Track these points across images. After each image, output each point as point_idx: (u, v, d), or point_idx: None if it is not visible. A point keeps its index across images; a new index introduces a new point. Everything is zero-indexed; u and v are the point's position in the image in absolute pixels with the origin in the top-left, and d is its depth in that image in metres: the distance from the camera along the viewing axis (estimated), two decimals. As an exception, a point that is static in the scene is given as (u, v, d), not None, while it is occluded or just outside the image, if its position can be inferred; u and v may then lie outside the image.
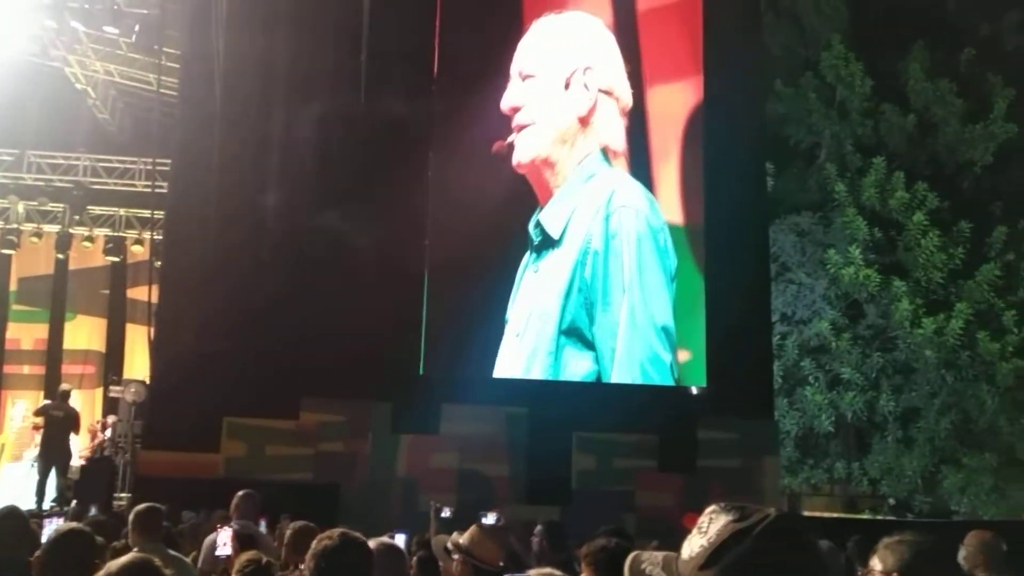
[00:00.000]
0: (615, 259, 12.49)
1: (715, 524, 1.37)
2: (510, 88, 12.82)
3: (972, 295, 17.84)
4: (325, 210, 12.47)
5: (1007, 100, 19.10)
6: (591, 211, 12.57)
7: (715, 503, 1.44)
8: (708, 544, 1.35)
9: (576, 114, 12.86)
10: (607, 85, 13.06)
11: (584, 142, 12.84)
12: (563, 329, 12.34)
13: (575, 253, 12.47)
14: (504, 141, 12.58)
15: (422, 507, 10.13)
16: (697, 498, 11.69)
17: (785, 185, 19.64)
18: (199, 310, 12.23)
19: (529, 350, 12.42)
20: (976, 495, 17.87)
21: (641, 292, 12.52)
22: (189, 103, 13.29)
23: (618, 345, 12.38)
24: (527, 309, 12.53)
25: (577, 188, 12.72)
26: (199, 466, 11.59)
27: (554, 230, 12.55)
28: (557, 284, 12.43)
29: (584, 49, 13.20)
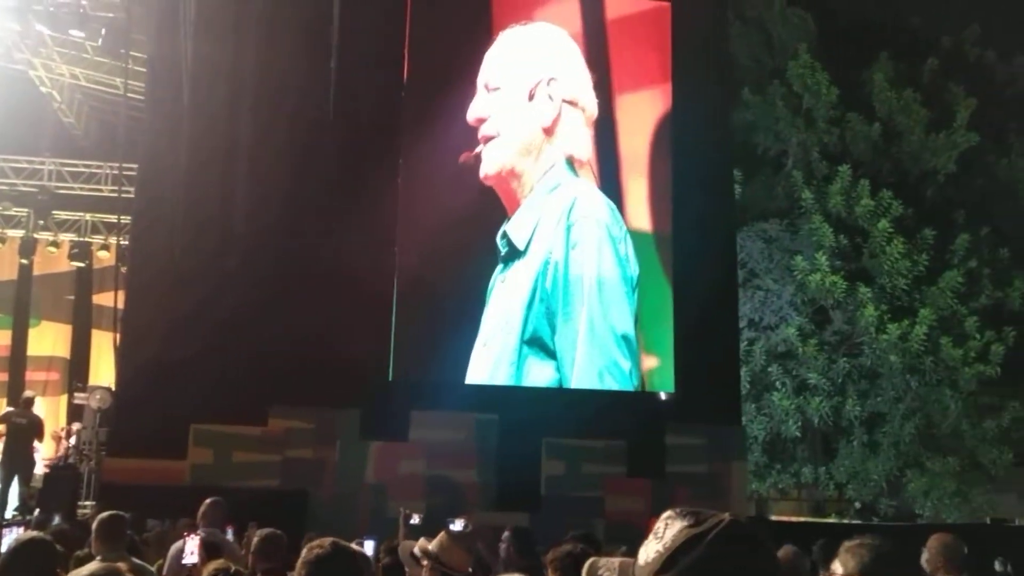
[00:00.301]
0: (576, 269, 12.56)
1: (670, 529, 1.38)
2: (476, 100, 12.86)
3: (935, 301, 18.09)
4: (294, 216, 12.43)
5: (969, 110, 19.43)
6: (554, 221, 12.64)
7: (677, 508, 1.45)
8: (664, 549, 1.36)
9: (540, 125, 12.93)
10: (571, 95, 13.13)
11: (549, 152, 12.90)
12: (525, 339, 12.39)
13: (538, 264, 12.53)
14: (471, 152, 12.61)
15: (391, 514, 10.09)
16: (665, 503, 11.64)
17: (753, 192, 19.83)
18: (166, 316, 12.13)
19: (493, 359, 12.44)
20: (940, 499, 18.11)
21: (600, 302, 12.59)
22: (156, 108, 13.18)
23: (578, 354, 12.45)
24: (494, 319, 12.56)
25: (542, 198, 12.78)
26: (165, 473, 11.48)
27: (519, 241, 12.59)
28: (520, 294, 12.48)
29: (548, 60, 13.27)
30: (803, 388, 18.56)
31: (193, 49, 12.83)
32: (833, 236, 18.38)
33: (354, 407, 12.20)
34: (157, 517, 9.52)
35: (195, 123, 12.74)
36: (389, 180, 12.78)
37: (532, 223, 12.63)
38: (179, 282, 12.24)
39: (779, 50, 20.47)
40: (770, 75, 20.31)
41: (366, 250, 12.36)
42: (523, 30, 13.34)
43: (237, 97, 12.98)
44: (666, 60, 13.96)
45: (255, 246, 12.44)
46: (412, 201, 12.84)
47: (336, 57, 12.96)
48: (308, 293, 12.00)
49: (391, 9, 13.18)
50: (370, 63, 12.96)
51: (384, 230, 12.58)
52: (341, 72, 12.91)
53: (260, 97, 12.92)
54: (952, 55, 21.08)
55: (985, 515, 18.67)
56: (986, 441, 18.16)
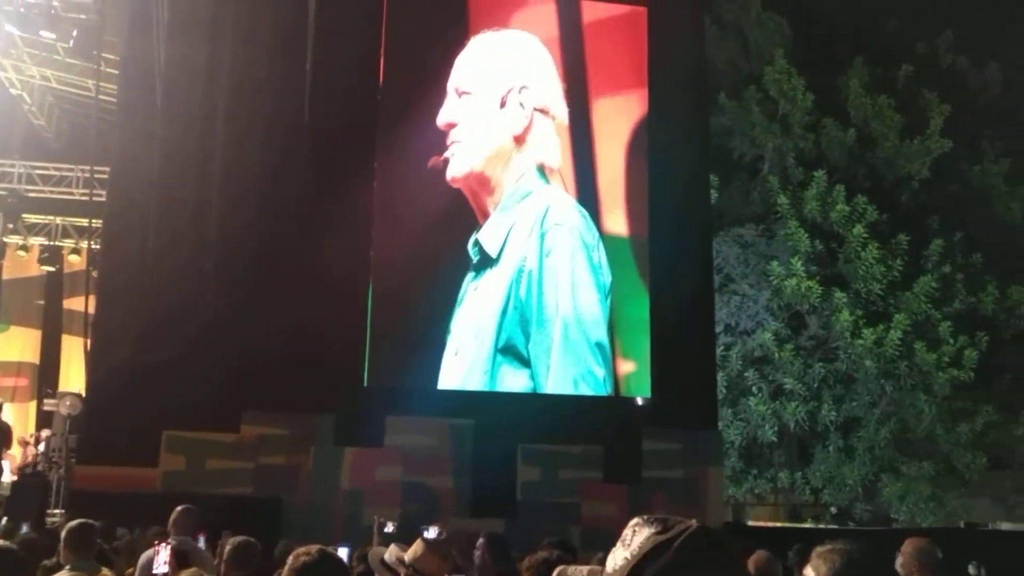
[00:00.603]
0: (550, 277, 12.56)
1: (638, 536, 1.37)
2: (446, 104, 12.85)
3: (910, 306, 18.22)
4: (269, 220, 12.33)
5: (943, 116, 19.61)
6: (527, 229, 12.64)
7: (644, 515, 1.43)
8: (631, 557, 1.35)
9: (511, 132, 12.92)
10: (543, 104, 13.13)
11: (520, 160, 12.89)
12: (499, 347, 12.36)
13: (511, 272, 12.51)
14: (439, 157, 12.59)
15: (366, 520, 10.00)
16: (642, 509, 11.67)
17: (729, 197, 19.91)
18: (138, 321, 11.99)
19: (466, 367, 12.40)
20: (915, 503, 18.22)
21: (575, 309, 12.59)
22: (128, 110, 13.04)
23: (552, 362, 12.44)
24: (466, 327, 12.53)
25: (514, 206, 12.77)
26: (136, 481, 11.33)
27: (492, 249, 12.56)
28: (494, 302, 12.45)
29: (520, 67, 13.27)
30: (779, 393, 18.63)
31: (166, 51, 12.72)
32: (808, 241, 18.47)
33: (329, 413, 12.10)
34: (128, 525, 9.37)
35: (168, 126, 12.63)
36: (365, 184, 12.71)
37: (504, 231, 12.62)
38: (151, 287, 12.11)
39: (755, 55, 20.59)
40: (746, 80, 20.41)
41: (341, 254, 12.29)
42: (496, 36, 13.34)
43: (211, 100, 12.87)
44: (642, 65, 13.98)
45: (229, 250, 12.34)
46: (388, 205, 12.78)
47: (311, 60, 12.88)
48: (282, 298, 11.90)
49: (367, 12, 13.14)
50: (346, 66, 12.91)
51: (359, 234, 12.51)
52: (316, 75, 12.83)
53: (235, 100, 12.83)
54: (926, 61, 21.27)
55: (959, 519, 18.79)
56: (960, 445, 18.29)
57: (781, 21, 20.46)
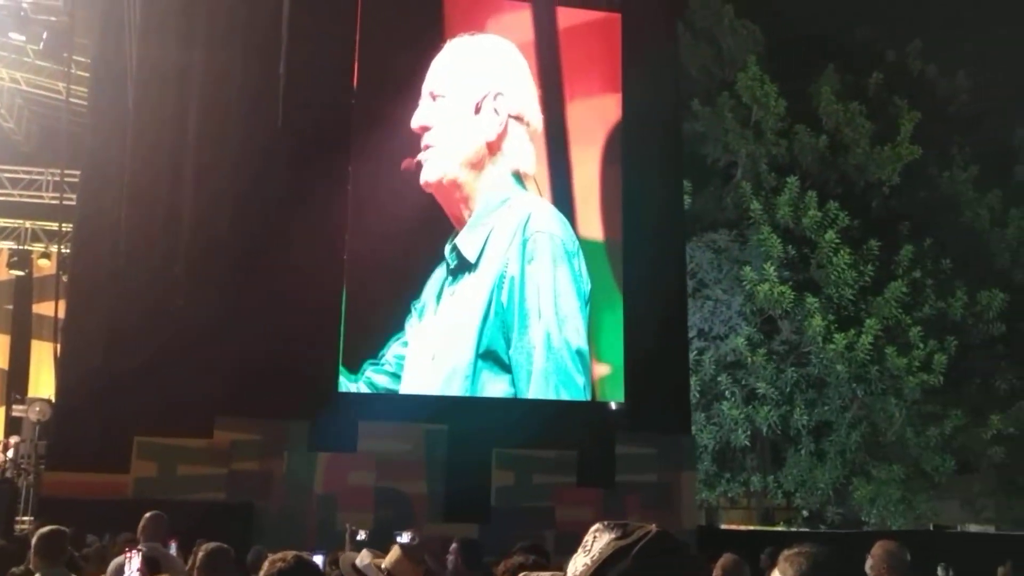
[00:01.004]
0: (531, 284, 12.58)
1: (598, 542, 1.39)
2: (421, 107, 12.84)
3: (881, 311, 18.39)
4: (242, 225, 12.27)
5: (912, 123, 19.83)
6: (508, 235, 12.66)
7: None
8: (591, 563, 1.36)
9: (485, 139, 12.94)
10: (517, 110, 13.17)
11: (494, 166, 12.92)
12: (480, 352, 12.37)
13: (492, 278, 12.52)
14: (412, 160, 12.58)
15: (339, 526, 9.98)
16: (616, 513, 11.75)
17: (702, 203, 20.03)
18: (108, 326, 11.90)
19: (446, 372, 12.39)
20: (885, 506, 18.37)
21: (557, 317, 12.63)
22: (100, 113, 12.94)
23: (534, 369, 12.47)
24: (444, 332, 12.50)
25: (492, 212, 12.78)
26: (107, 487, 11.24)
27: (470, 254, 12.57)
28: (474, 308, 12.46)
29: (496, 74, 13.30)
30: (752, 397, 18.74)
31: (138, 54, 12.64)
32: (781, 247, 18.61)
33: (302, 418, 12.05)
34: (99, 532, 9.29)
35: (140, 129, 12.53)
36: (339, 188, 12.68)
37: (483, 236, 12.62)
38: (122, 291, 12.01)
39: (728, 62, 20.73)
40: (719, 87, 20.55)
41: (315, 259, 12.25)
42: (472, 40, 13.35)
43: (184, 103, 12.79)
44: (616, 70, 14.04)
45: (201, 255, 12.27)
46: (362, 209, 12.75)
47: (285, 63, 12.84)
48: (255, 302, 11.84)
49: (341, 15, 13.09)
50: (320, 69, 12.86)
51: (333, 239, 12.47)
52: (290, 78, 12.79)
53: (208, 103, 12.75)
54: (896, 69, 21.52)
55: (929, 522, 18.99)
56: (929, 449, 18.47)
57: (754, 28, 20.62)
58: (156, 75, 12.71)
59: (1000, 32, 21.00)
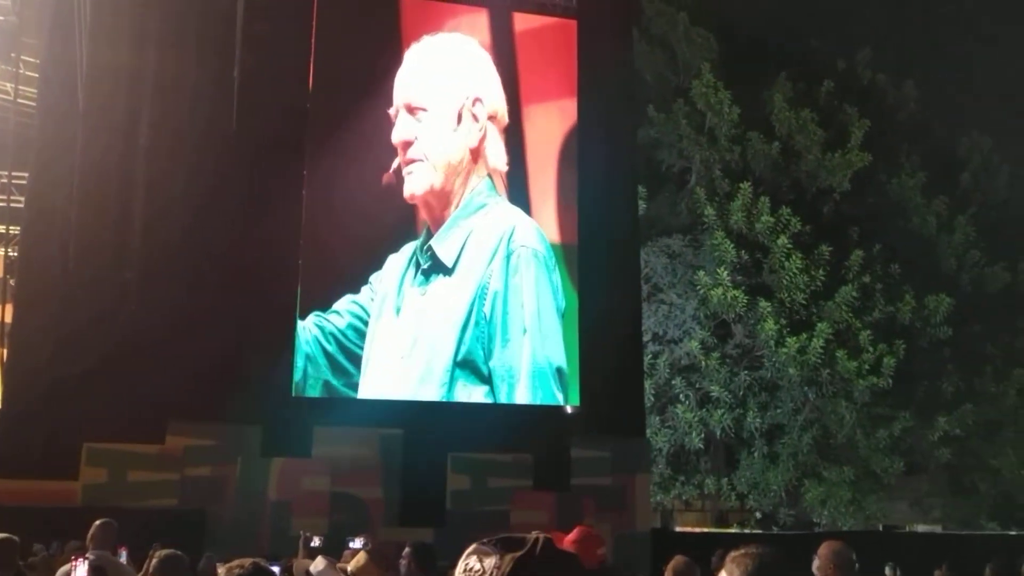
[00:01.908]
0: (515, 298, 12.58)
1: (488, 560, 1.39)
2: (400, 121, 12.73)
3: (832, 315, 18.68)
4: (195, 229, 12.12)
5: (862, 130, 20.19)
6: (490, 245, 12.63)
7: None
8: None
9: (468, 147, 12.95)
10: (492, 110, 13.20)
11: (475, 171, 12.95)
12: (458, 360, 12.32)
13: (473, 287, 12.48)
14: (391, 173, 12.53)
15: (293, 532, 9.91)
16: (571, 515, 11.81)
17: (657, 208, 20.20)
18: (57, 330, 11.70)
19: (419, 374, 12.31)
20: (836, 507, 18.65)
21: (541, 334, 12.67)
22: (49, 115, 12.72)
23: (517, 383, 12.47)
24: (413, 332, 12.45)
25: (469, 216, 12.77)
26: (55, 495, 11.03)
27: (447, 258, 12.52)
28: (453, 315, 12.40)
29: (469, 77, 13.29)
30: (706, 401, 18.92)
31: (89, 55, 12.44)
32: (734, 252, 18.82)
33: (256, 423, 11.94)
34: (47, 540, 9.13)
35: (90, 131, 12.34)
36: (293, 193, 12.58)
37: (460, 241, 12.59)
38: (71, 295, 11.82)
39: (683, 69, 20.94)
40: (674, 93, 20.74)
41: (269, 262, 12.15)
42: (435, 41, 13.31)
43: (136, 105, 12.61)
44: (572, 75, 14.12)
45: (154, 259, 12.11)
46: (316, 214, 12.67)
47: (239, 66, 12.72)
48: (208, 307, 11.71)
49: (296, 17, 13.01)
50: (275, 73, 12.76)
51: (288, 243, 12.37)
52: (244, 81, 12.68)
53: (160, 106, 12.59)
54: (846, 77, 21.91)
55: (878, 522, 19.31)
56: (879, 450, 18.79)
57: (708, 36, 20.85)
58: (107, 76, 12.53)
59: (947, 44, 21.49)
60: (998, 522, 20.23)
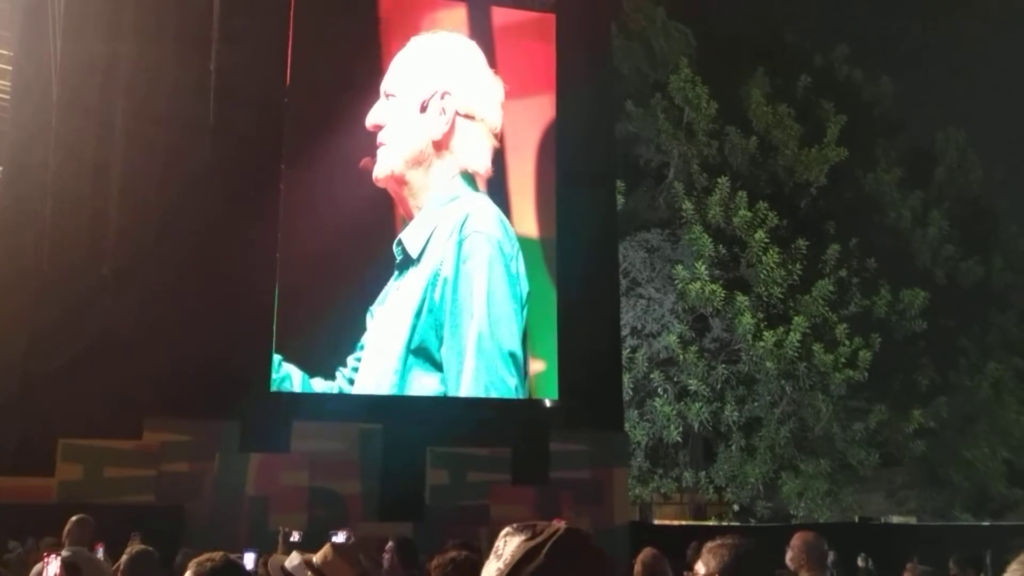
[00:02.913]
0: (465, 283, 12.60)
1: (509, 546, 1.42)
2: (376, 105, 12.81)
3: (808, 309, 18.81)
4: (171, 222, 12.03)
5: (839, 126, 20.33)
6: (445, 234, 12.66)
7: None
8: (504, 566, 1.39)
9: (431, 137, 12.93)
10: (468, 109, 13.17)
11: (442, 165, 12.92)
12: (412, 348, 12.35)
13: (428, 274, 12.52)
14: (369, 159, 12.57)
15: (271, 528, 9.87)
16: (550, 509, 11.87)
17: (635, 203, 20.26)
18: (31, 325, 11.59)
19: (379, 367, 12.34)
20: (812, 499, 18.82)
21: (489, 318, 12.65)
22: (22, 109, 12.60)
23: (464, 369, 12.48)
24: (381, 326, 12.47)
25: (438, 210, 12.79)
26: (30, 491, 10.92)
27: (413, 250, 12.55)
28: (410, 303, 12.44)
29: (447, 72, 13.27)
30: (684, 394, 19.02)
31: (63, 47, 12.32)
32: (712, 246, 18.92)
33: (233, 418, 11.88)
34: (22, 537, 9.06)
35: (65, 124, 12.22)
36: (271, 186, 12.53)
37: (426, 233, 12.62)
38: (46, 289, 11.71)
39: (661, 63, 20.99)
40: (652, 88, 20.80)
41: (246, 257, 12.09)
42: (432, 38, 13.33)
43: (111, 98, 12.49)
44: (551, 69, 14.13)
45: (129, 253, 12.01)
46: (294, 208, 12.62)
47: (216, 60, 12.63)
48: (185, 301, 11.63)
49: (274, 11, 12.93)
50: (252, 67, 12.66)
51: (265, 237, 12.31)
52: (221, 76, 12.59)
53: (136, 99, 12.48)
54: (823, 73, 22.05)
55: (854, 514, 19.49)
56: (855, 443, 18.96)
57: (686, 31, 20.92)
58: (81, 69, 12.40)
59: (923, 40, 21.66)
60: (972, 513, 20.49)
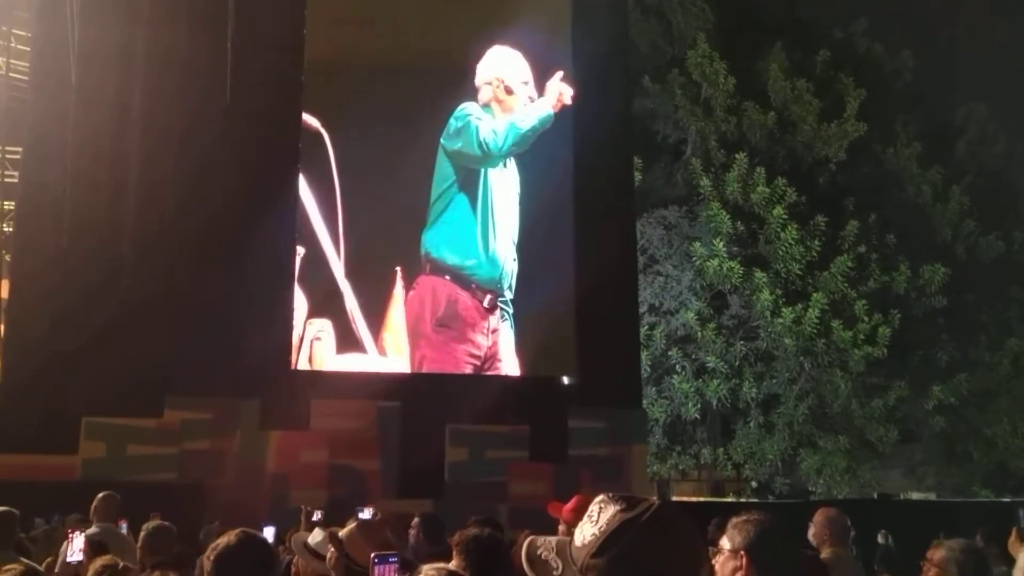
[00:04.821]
0: None
1: (604, 514, 1.44)
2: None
3: (827, 286, 18.72)
4: (190, 202, 12.07)
5: (858, 100, 20.13)
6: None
7: (595, 493, 1.51)
8: (600, 533, 1.42)
9: None
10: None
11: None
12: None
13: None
14: None
15: (291, 504, 9.97)
16: (568, 486, 11.87)
17: (652, 179, 20.16)
18: (53, 305, 11.68)
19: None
20: (831, 476, 18.80)
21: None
22: (42, 90, 12.63)
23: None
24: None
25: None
26: (55, 469, 11.06)
27: None
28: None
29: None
30: (702, 371, 19.00)
31: (80, 29, 12.33)
32: (730, 223, 18.82)
33: (254, 397, 11.96)
34: (47, 514, 9.17)
35: (83, 105, 12.25)
36: (288, 165, 12.54)
37: None
38: (67, 270, 11.79)
39: (678, 39, 20.82)
40: (669, 64, 20.65)
41: (266, 236, 12.13)
42: None
43: (128, 79, 12.51)
44: (567, 46, 14.03)
45: (149, 233, 12.08)
46: (313, 184, 12.65)
47: (232, 39, 12.61)
48: (205, 281, 11.69)
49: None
50: (268, 45, 12.66)
51: (283, 215, 12.35)
52: (238, 54, 12.57)
53: (153, 79, 12.50)
54: (842, 47, 21.80)
55: (873, 491, 19.47)
56: (874, 419, 18.90)
57: (703, 6, 20.72)
58: (99, 50, 12.42)
59: (943, 11, 21.38)
60: (991, 489, 20.41)
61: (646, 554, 1.40)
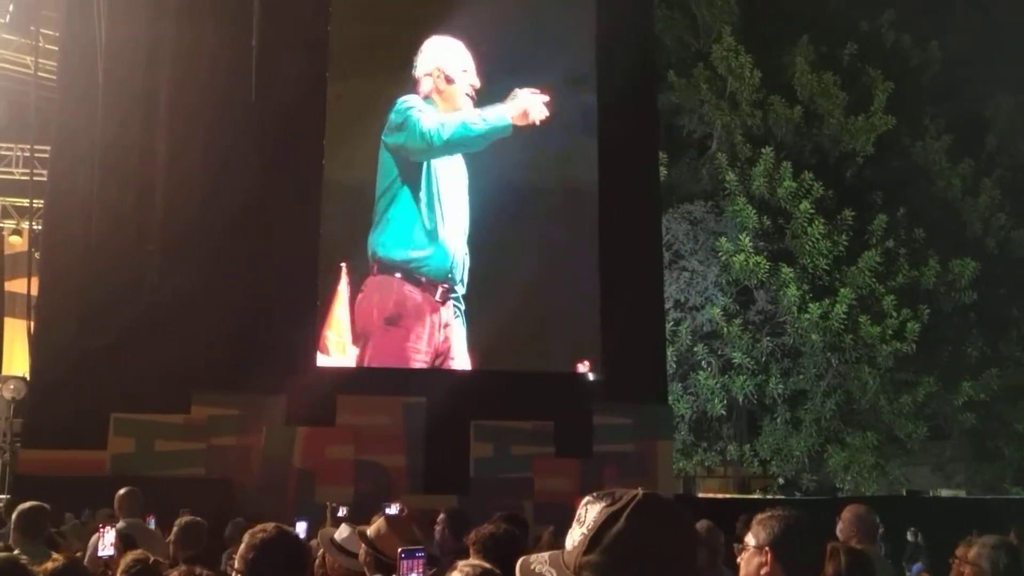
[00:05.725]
0: None
1: (590, 513, 1.46)
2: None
3: (855, 281, 18.55)
4: (216, 200, 12.16)
5: (886, 93, 19.90)
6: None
7: (603, 489, 1.51)
8: (587, 532, 1.43)
9: None
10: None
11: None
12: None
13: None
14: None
15: (318, 499, 10.02)
16: (594, 482, 11.86)
17: (678, 174, 20.07)
18: (82, 303, 11.81)
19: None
20: (859, 472, 18.64)
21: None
22: (69, 88, 12.75)
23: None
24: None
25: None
26: (84, 464, 11.20)
27: None
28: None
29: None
30: (728, 367, 18.90)
31: (107, 27, 12.43)
32: (756, 217, 18.70)
33: (279, 393, 12.03)
34: (77, 509, 9.29)
35: (111, 104, 12.37)
36: (313, 162, 12.60)
37: None
38: (96, 267, 11.91)
39: (703, 33, 20.70)
40: (694, 58, 20.53)
41: (291, 233, 12.19)
42: None
43: (155, 77, 12.62)
44: (591, 40, 13.98)
45: (176, 230, 12.17)
46: (337, 182, 12.68)
47: (258, 36, 12.67)
48: (231, 277, 11.79)
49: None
50: (293, 43, 12.72)
51: (308, 212, 12.40)
52: (263, 52, 12.63)
53: (179, 77, 12.59)
54: (870, 39, 21.55)
55: (901, 488, 19.30)
56: (902, 416, 18.72)
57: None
58: (126, 48, 12.53)
59: (972, 2, 21.10)
60: (1022, 487, 20.17)
61: (636, 541, 1.40)
